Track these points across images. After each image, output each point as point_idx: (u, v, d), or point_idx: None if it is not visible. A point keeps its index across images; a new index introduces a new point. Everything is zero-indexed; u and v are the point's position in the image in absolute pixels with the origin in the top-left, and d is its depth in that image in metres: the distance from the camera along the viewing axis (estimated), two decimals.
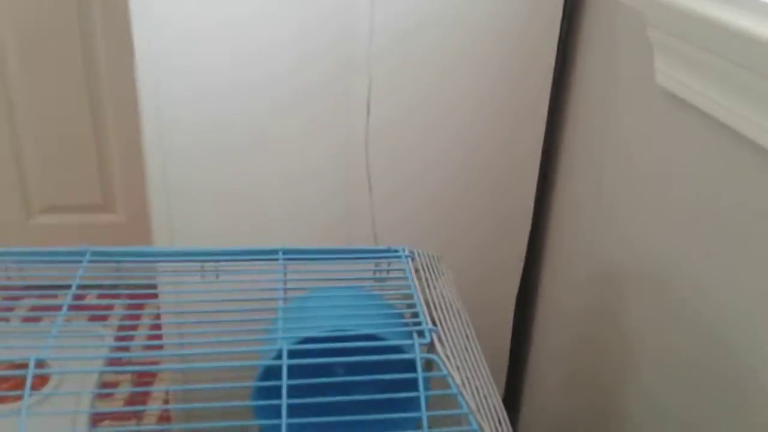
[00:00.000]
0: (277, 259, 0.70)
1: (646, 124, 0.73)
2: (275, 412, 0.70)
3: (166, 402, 1.46)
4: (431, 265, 0.74)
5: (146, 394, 1.46)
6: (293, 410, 0.55)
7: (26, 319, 1.59)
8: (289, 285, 0.71)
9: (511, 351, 1.08)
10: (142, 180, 0.94)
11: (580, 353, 0.90)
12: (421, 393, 0.55)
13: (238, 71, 0.85)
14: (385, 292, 0.74)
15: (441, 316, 0.65)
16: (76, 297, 0.61)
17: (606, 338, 0.83)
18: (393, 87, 0.88)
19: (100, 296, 1.68)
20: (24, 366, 0.53)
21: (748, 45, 0.49)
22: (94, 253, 0.67)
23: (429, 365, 0.62)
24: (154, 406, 1.42)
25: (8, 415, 0.52)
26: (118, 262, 0.69)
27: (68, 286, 0.62)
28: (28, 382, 0.54)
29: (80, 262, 0.66)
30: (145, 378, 1.52)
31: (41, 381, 0.71)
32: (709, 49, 0.56)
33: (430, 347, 0.59)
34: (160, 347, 1.36)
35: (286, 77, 0.86)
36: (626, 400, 0.78)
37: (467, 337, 0.69)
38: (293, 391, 0.55)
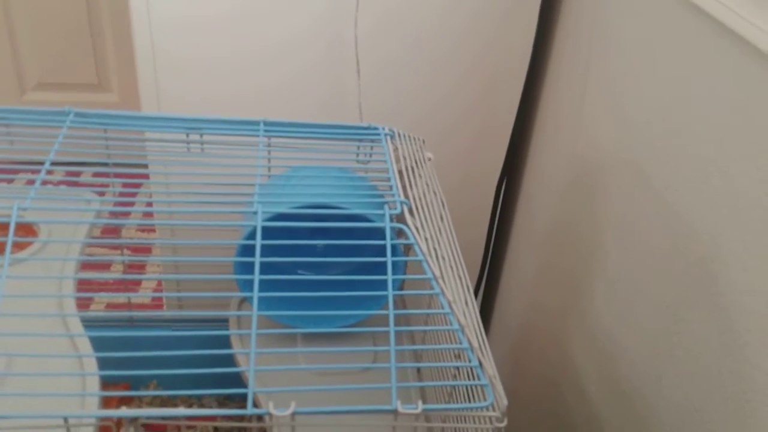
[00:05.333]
0: (258, 131, 0.71)
1: (635, 13, 0.72)
2: (251, 269, 0.73)
3: (159, 282, 1.51)
4: (411, 145, 0.75)
5: (140, 266, 1.51)
6: (270, 275, 0.58)
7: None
8: (272, 161, 0.73)
9: (489, 241, 1.11)
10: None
11: (554, 242, 0.93)
12: (388, 258, 0.57)
13: None
14: (366, 172, 0.75)
15: (415, 193, 0.66)
16: (71, 174, 0.62)
17: (581, 226, 0.85)
18: None
19: (95, 174, 1.70)
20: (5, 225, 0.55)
21: None
22: (78, 114, 0.68)
23: (404, 238, 0.64)
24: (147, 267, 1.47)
25: None
26: (103, 126, 0.70)
27: (60, 162, 0.62)
28: (11, 230, 0.56)
29: (63, 122, 0.67)
30: (137, 253, 1.57)
31: (23, 243, 0.73)
32: None
33: (401, 218, 0.61)
34: (151, 214, 1.39)
35: None
36: (591, 288, 0.82)
37: (441, 217, 0.71)
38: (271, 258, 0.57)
